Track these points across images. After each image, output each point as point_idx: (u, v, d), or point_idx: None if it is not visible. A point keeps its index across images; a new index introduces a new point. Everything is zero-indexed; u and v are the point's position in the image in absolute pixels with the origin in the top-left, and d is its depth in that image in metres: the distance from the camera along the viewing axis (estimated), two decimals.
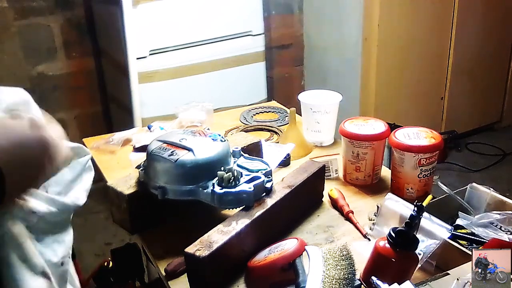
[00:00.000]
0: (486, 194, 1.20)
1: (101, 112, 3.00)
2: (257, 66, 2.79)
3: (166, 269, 1.07)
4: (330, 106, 1.58)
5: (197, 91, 2.57)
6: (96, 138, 1.70)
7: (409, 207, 1.10)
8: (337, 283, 0.93)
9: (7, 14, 2.61)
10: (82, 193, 0.89)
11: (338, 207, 1.28)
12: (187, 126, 1.68)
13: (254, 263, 1.04)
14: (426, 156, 1.25)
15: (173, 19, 2.46)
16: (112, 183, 1.21)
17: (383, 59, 2.91)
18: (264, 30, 2.78)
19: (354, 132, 1.35)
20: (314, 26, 3.24)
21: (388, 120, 1.52)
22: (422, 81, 3.16)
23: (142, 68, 2.43)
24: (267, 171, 1.16)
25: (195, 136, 1.18)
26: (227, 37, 2.63)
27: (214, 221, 1.06)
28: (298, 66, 3.40)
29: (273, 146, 1.53)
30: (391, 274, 0.91)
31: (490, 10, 3.21)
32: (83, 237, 2.31)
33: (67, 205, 0.86)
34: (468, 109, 3.42)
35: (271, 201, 1.13)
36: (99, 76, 2.91)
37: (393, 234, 0.93)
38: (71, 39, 2.78)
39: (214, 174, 1.11)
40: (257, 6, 2.70)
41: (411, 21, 2.95)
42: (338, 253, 1.00)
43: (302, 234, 1.19)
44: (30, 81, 2.75)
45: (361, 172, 1.37)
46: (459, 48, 3.16)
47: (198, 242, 1.00)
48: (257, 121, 1.80)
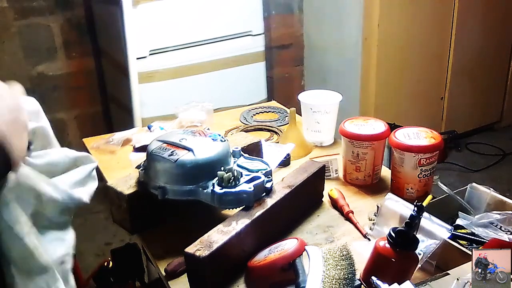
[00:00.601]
0: (486, 194, 1.20)
1: (101, 112, 3.00)
2: (257, 66, 2.79)
3: (166, 269, 1.07)
4: (330, 106, 1.58)
5: (197, 91, 2.57)
6: (96, 138, 1.70)
7: (409, 207, 1.10)
8: (337, 283, 0.93)
9: (7, 14, 2.62)
10: (85, 194, 0.89)
11: (338, 207, 1.28)
12: (187, 126, 1.68)
13: (254, 263, 1.04)
14: (426, 156, 1.25)
15: (173, 19, 2.46)
16: (112, 183, 1.21)
17: (383, 59, 2.91)
18: (264, 30, 2.78)
19: (354, 132, 1.35)
20: (314, 26, 3.24)
21: (388, 120, 1.52)
22: (422, 81, 3.16)
23: (142, 68, 2.43)
24: (267, 171, 1.16)
25: (195, 136, 1.18)
26: (227, 37, 2.63)
27: (214, 221, 1.06)
28: (298, 66, 3.40)
29: (273, 146, 1.53)
30: (391, 274, 0.91)
31: (490, 10, 3.21)
32: (83, 237, 2.31)
33: (71, 196, 0.86)
34: (468, 109, 3.43)
35: (271, 201, 1.13)
36: (99, 76, 2.91)
37: (393, 234, 0.93)
38: (71, 39, 2.78)
39: (214, 174, 1.11)
40: (257, 6, 2.70)
41: (411, 21, 2.95)
42: (338, 253, 1.00)
43: (302, 234, 1.19)
44: (30, 81, 2.75)
45: (361, 172, 1.37)
46: (459, 48, 3.16)
47: (198, 242, 1.00)
48: (257, 121, 1.80)
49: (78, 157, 0.90)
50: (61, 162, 0.86)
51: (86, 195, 0.89)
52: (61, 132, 2.89)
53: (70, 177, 0.88)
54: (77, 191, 0.87)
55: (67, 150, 0.88)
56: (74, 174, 0.88)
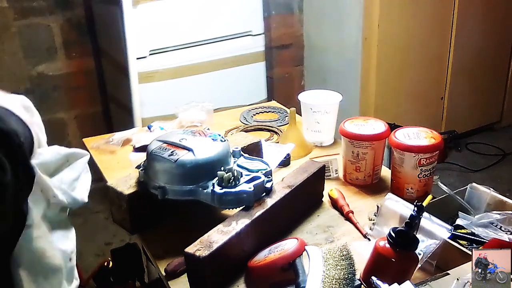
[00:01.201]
0: (486, 194, 1.20)
1: (101, 112, 3.00)
2: (257, 66, 2.79)
3: (166, 269, 1.07)
4: (330, 106, 1.58)
5: (197, 91, 2.57)
6: (96, 138, 1.70)
7: (409, 207, 1.10)
8: (337, 283, 0.93)
9: (7, 14, 2.61)
10: (84, 192, 0.90)
11: (338, 207, 1.28)
12: (187, 126, 1.68)
13: (254, 263, 1.04)
14: (426, 156, 1.25)
15: (173, 19, 2.46)
16: (112, 183, 1.21)
17: (383, 59, 2.91)
18: (264, 30, 2.78)
19: (354, 132, 1.35)
20: (314, 26, 3.24)
21: (388, 120, 1.52)
22: (422, 81, 3.15)
23: (142, 68, 2.43)
24: (267, 171, 1.16)
25: (195, 136, 1.18)
26: (227, 37, 2.63)
27: (214, 221, 1.06)
28: (298, 66, 3.40)
29: (273, 146, 1.53)
30: (391, 274, 0.91)
31: (490, 10, 3.21)
32: (83, 237, 2.31)
33: (75, 199, 0.87)
34: (468, 109, 3.42)
35: (271, 201, 1.13)
36: (99, 76, 2.91)
37: (393, 234, 0.93)
38: (71, 39, 2.78)
39: (214, 174, 1.11)
40: (257, 6, 2.70)
41: (411, 21, 2.95)
42: (338, 253, 1.00)
43: (302, 234, 1.19)
44: (30, 81, 2.75)
45: (361, 172, 1.37)
46: (459, 48, 3.16)
47: (198, 242, 1.00)
48: (257, 121, 1.80)
49: (69, 153, 0.90)
50: (53, 161, 0.85)
51: (85, 195, 0.90)
52: (61, 132, 2.89)
53: (67, 176, 0.88)
54: (77, 191, 0.88)
55: (58, 148, 0.87)
56: (70, 172, 0.89)
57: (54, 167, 0.86)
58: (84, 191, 0.90)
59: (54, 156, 0.86)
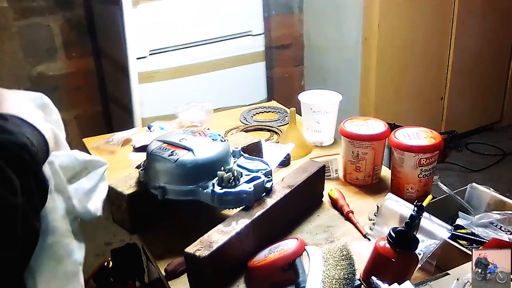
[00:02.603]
0: (486, 194, 1.20)
1: (101, 112, 3.00)
2: (257, 66, 2.79)
3: (166, 269, 1.07)
4: (330, 106, 1.58)
5: (197, 91, 2.57)
6: (96, 138, 1.70)
7: (409, 207, 1.10)
8: (337, 283, 0.93)
9: (7, 14, 2.62)
10: (99, 204, 0.87)
11: (338, 207, 1.28)
12: (187, 126, 1.68)
13: (254, 263, 1.04)
14: (426, 156, 1.25)
15: (173, 19, 2.46)
16: (112, 183, 1.21)
17: (383, 59, 2.91)
18: (264, 30, 2.78)
19: (354, 132, 1.35)
20: (314, 26, 3.24)
21: (388, 120, 1.52)
22: (422, 81, 3.16)
23: (142, 68, 2.43)
24: (267, 171, 1.16)
25: (195, 136, 1.18)
26: (227, 37, 2.63)
27: (214, 221, 1.06)
28: (298, 66, 3.40)
29: (273, 146, 1.53)
30: (391, 274, 0.91)
31: (490, 10, 3.21)
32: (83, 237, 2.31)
33: (89, 211, 0.85)
34: (468, 109, 3.43)
35: (271, 201, 1.12)
36: (99, 76, 2.91)
37: (393, 234, 0.93)
38: (71, 39, 2.79)
39: (214, 174, 1.11)
40: (257, 6, 2.71)
41: (411, 21, 2.95)
42: (338, 253, 0.99)
43: (302, 234, 1.19)
44: (30, 81, 2.75)
45: (361, 172, 1.37)
46: (459, 48, 3.16)
47: (198, 242, 1.00)
48: (257, 121, 1.80)
49: (88, 161, 0.85)
50: (70, 166, 0.81)
51: (100, 207, 0.87)
52: None
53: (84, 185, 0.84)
54: (92, 203, 0.85)
55: (77, 152, 0.83)
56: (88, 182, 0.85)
57: (71, 173, 0.82)
58: (99, 204, 0.87)
59: (72, 161, 0.81)
